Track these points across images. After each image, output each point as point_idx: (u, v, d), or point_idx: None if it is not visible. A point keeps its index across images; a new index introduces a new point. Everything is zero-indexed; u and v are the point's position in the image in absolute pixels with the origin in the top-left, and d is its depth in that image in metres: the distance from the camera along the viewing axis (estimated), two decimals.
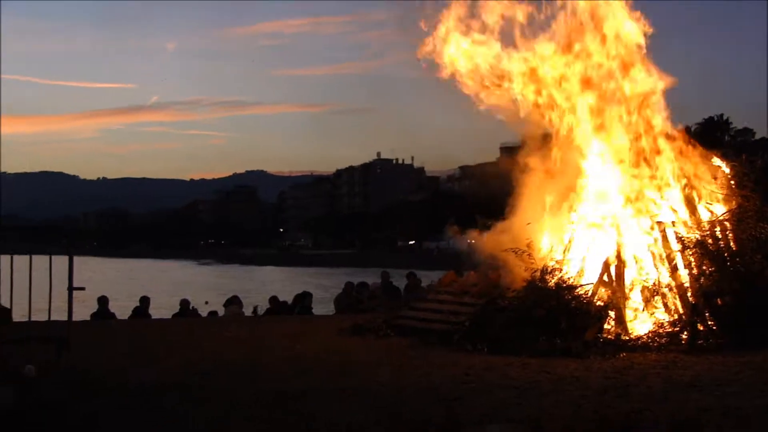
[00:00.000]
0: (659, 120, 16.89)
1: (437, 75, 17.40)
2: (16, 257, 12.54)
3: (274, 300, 23.42)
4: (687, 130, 17.21)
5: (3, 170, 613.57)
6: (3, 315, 18.08)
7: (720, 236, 15.20)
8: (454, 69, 17.25)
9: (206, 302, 27.82)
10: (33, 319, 12.60)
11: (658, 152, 16.60)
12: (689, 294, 14.60)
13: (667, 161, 16.56)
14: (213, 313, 23.34)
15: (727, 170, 16.52)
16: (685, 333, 14.03)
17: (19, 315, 15.23)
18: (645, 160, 16.48)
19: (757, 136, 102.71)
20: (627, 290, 14.98)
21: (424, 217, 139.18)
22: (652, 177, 16.36)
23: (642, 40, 16.87)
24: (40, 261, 12.02)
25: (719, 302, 14.38)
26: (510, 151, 17.24)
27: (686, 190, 16.20)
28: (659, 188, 16.28)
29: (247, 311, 23.40)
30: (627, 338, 14.12)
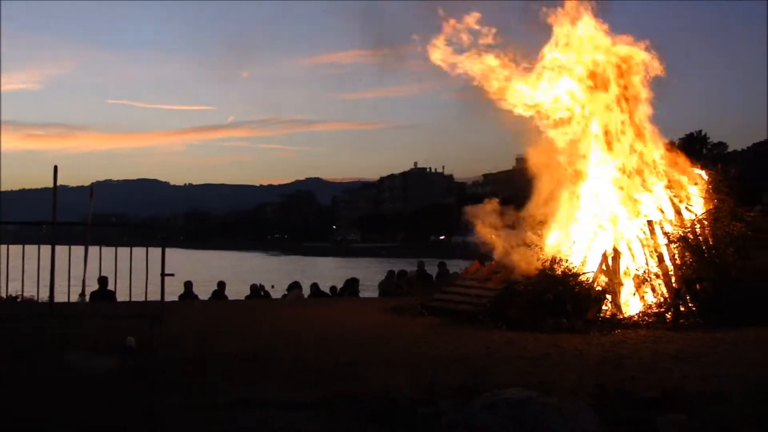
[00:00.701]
0: (651, 134, 16.76)
1: (466, 97, 17.39)
2: (119, 249, 12.70)
3: (314, 286, 23.38)
4: (672, 143, 17.11)
5: (109, 177, 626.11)
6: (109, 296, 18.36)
7: (699, 232, 15.10)
8: (481, 90, 17.18)
9: (272, 286, 27.69)
10: (132, 299, 12.70)
11: (651, 161, 16.48)
12: (673, 281, 14.52)
13: (657, 169, 16.45)
14: (285, 295, 23.30)
15: (706, 177, 16.45)
16: (670, 313, 13.95)
17: (121, 296, 15.45)
18: (639, 167, 16.37)
19: (730, 149, 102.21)
20: (621, 277, 14.92)
21: (453, 217, 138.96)
22: (644, 182, 16.26)
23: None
24: (139, 252, 12.13)
25: (698, 288, 14.27)
26: (524, 160, 17.04)
27: (672, 193, 16.11)
28: (649, 192, 16.18)
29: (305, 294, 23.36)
30: (621, 318, 14.05)
